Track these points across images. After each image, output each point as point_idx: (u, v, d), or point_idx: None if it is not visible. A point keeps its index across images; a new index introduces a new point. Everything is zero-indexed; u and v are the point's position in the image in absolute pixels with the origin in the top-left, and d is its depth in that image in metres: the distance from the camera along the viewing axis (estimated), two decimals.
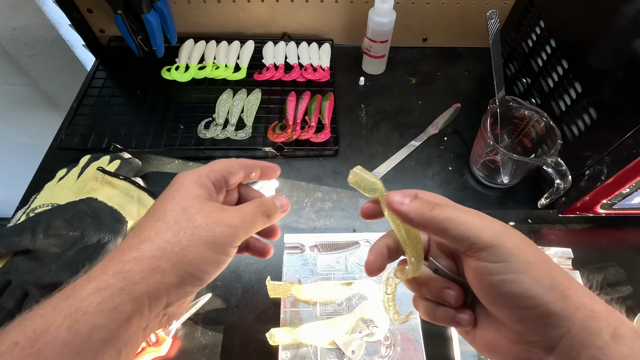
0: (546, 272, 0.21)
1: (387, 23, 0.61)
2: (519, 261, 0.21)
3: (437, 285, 0.26)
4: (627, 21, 0.41)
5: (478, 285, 0.23)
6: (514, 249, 0.21)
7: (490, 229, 0.22)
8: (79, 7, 0.67)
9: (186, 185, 0.27)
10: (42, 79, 0.87)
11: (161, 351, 0.42)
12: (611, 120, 0.43)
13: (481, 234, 0.22)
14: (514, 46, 0.63)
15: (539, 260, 0.21)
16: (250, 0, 0.68)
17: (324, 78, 0.67)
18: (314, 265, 0.48)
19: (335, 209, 0.54)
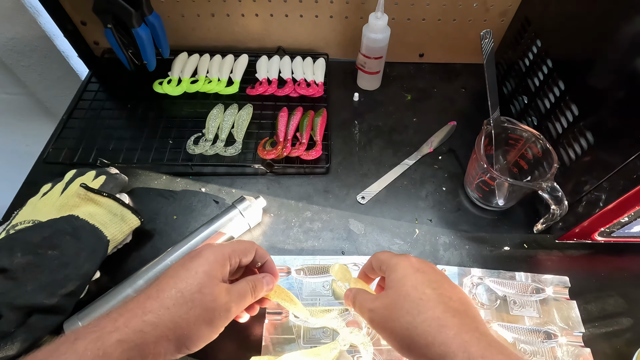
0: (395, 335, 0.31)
1: (382, 39, 0.60)
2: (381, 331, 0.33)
3: None
4: (625, 44, 0.40)
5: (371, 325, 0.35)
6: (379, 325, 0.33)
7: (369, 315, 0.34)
8: (72, 20, 0.67)
9: (210, 263, 0.33)
10: (38, 89, 0.87)
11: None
12: (609, 146, 0.41)
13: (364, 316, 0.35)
14: (511, 64, 0.62)
15: None
16: (245, 15, 0.67)
17: (318, 93, 0.66)
18: (299, 289, 0.46)
19: (324, 229, 0.53)
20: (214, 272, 0.33)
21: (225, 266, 0.34)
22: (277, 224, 0.53)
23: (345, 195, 0.56)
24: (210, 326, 0.32)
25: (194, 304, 0.30)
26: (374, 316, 0.33)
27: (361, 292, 0.36)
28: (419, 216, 0.54)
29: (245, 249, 0.37)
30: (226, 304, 0.33)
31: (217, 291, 0.32)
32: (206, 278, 0.32)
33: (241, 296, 0.34)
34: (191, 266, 0.33)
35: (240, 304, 0.34)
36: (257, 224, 0.52)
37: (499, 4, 0.64)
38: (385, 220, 0.53)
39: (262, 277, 0.38)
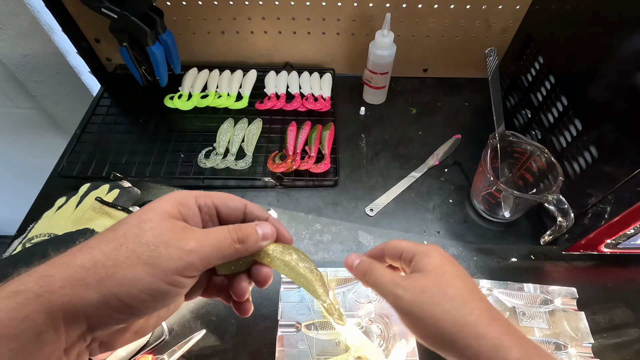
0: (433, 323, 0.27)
1: (388, 56, 0.62)
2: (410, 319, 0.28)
3: None
4: (626, 59, 0.42)
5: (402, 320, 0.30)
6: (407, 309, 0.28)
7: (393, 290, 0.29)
8: (86, 37, 0.69)
9: (165, 201, 0.24)
10: (49, 103, 0.89)
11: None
12: (613, 159, 0.43)
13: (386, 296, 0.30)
14: (514, 79, 0.64)
15: None
16: (254, 32, 0.69)
17: (325, 108, 0.67)
18: (310, 302, 0.47)
19: (334, 241, 0.53)
20: (165, 207, 0.23)
21: (188, 205, 0.25)
22: None
23: (353, 207, 0.57)
24: (151, 268, 0.21)
25: (126, 239, 0.21)
26: (404, 298, 0.27)
27: (381, 266, 0.30)
28: (427, 228, 0.55)
29: (225, 196, 0.27)
30: (178, 239, 0.22)
31: (165, 226, 0.22)
32: (151, 212, 0.23)
33: (213, 241, 0.23)
34: (140, 210, 0.24)
35: (210, 253, 0.23)
36: None
37: (500, 21, 0.66)
38: (394, 232, 0.54)
39: (254, 223, 0.26)
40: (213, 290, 0.29)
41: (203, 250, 0.23)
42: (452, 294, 0.27)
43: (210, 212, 0.27)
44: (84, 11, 0.64)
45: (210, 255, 0.23)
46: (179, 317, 0.47)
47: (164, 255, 0.21)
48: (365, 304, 0.47)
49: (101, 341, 0.23)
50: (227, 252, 0.24)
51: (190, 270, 0.22)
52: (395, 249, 0.32)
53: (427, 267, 0.29)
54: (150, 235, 0.22)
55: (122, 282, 0.21)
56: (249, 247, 0.25)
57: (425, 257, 0.29)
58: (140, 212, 0.23)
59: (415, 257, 0.30)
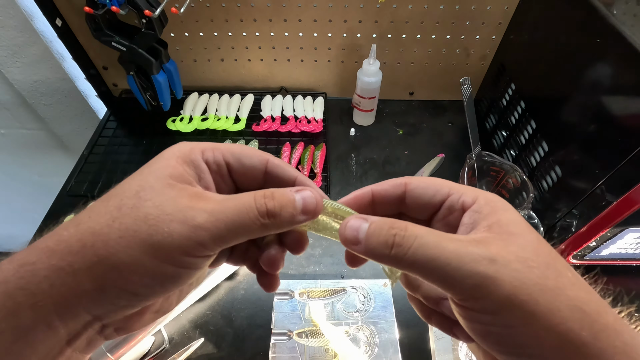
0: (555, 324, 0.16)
1: (374, 82, 0.67)
2: (515, 315, 0.16)
3: (433, 293, 0.22)
4: (586, 87, 0.46)
5: (466, 328, 0.18)
6: (507, 299, 0.16)
7: (475, 268, 0.16)
8: (95, 65, 0.74)
9: (166, 159, 0.19)
10: (56, 125, 0.94)
11: None
12: (576, 177, 0.47)
13: (461, 281, 0.16)
14: (492, 102, 0.69)
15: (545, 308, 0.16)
16: (251, 60, 0.74)
17: (317, 129, 0.72)
18: (302, 311, 0.50)
19: (324, 255, 0.57)
20: (168, 169, 0.19)
21: (194, 163, 0.20)
22: None
23: None
24: (151, 249, 0.17)
25: (120, 212, 0.17)
26: (503, 281, 0.16)
27: (423, 227, 0.18)
28: None
29: (239, 149, 0.21)
30: (188, 216, 0.17)
31: (168, 194, 0.18)
32: (151, 177, 0.19)
33: (231, 214, 0.18)
34: (139, 172, 0.19)
35: (226, 230, 0.18)
36: None
37: (478, 50, 0.72)
38: None
39: (292, 189, 0.20)
40: (239, 257, 0.23)
41: (217, 226, 0.18)
42: (569, 274, 0.17)
43: (220, 171, 0.21)
44: (93, 42, 0.70)
45: (227, 232, 0.18)
46: (178, 327, 0.50)
47: (167, 232, 0.17)
48: (353, 314, 0.50)
49: (116, 327, 0.20)
50: (250, 228, 0.18)
51: (201, 250, 0.18)
52: (427, 190, 0.21)
53: (510, 226, 0.18)
54: (151, 206, 0.17)
55: (118, 267, 0.17)
56: (282, 222, 0.19)
57: (499, 211, 0.19)
58: (138, 176, 0.19)
59: (480, 206, 0.19)
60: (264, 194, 0.19)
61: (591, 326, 0.16)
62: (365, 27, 0.68)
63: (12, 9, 0.68)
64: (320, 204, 0.20)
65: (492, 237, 0.18)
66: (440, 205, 0.21)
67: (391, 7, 0.65)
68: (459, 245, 0.17)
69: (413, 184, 0.21)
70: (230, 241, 0.19)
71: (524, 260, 0.17)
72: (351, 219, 0.19)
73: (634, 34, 0.39)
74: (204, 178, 0.21)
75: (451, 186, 0.21)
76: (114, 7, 0.51)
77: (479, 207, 0.19)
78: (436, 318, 0.23)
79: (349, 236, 0.19)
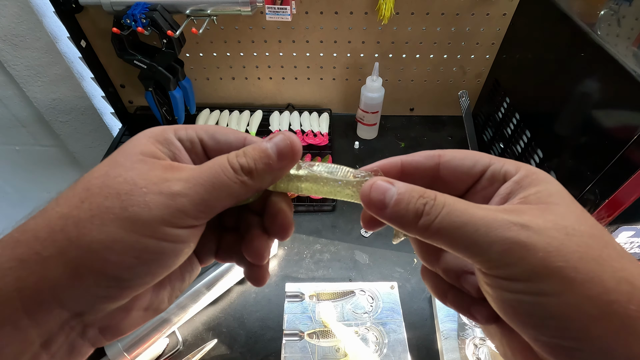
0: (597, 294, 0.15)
1: (377, 97, 0.72)
2: (550, 282, 0.15)
3: (455, 265, 0.20)
4: (575, 99, 0.50)
5: (493, 301, 0.17)
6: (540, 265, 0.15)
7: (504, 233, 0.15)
8: (113, 83, 0.79)
9: (136, 139, 0.19)
10: (71, 141, 0.97)
11: None
12: (569, 181, 0.50)
13: (489, 247, 0.15)
14: (488, 116, 0.73)
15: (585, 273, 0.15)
16: (261, 78, 0.79)
17: (323, 142, 0.76)
18: (312, 312, 0.52)
19: (332, 259, 0.59)
20: (139, 147, 0.18)
21: (167, 141, 0.19)
22: (290, 255, 0.60)
23: (350, 229, 0.63)
24: (129, 222, 0.16)
25: (89, 192, 0.16)
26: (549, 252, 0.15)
27: (454, 197, 0.17)
28: None
29: (214, 127, 0.21)
30: (162, 186, 0.17)
31: (140, 169, 0.17)
32: (121, 156, 0.18)
33: (208, 177, 0.17)
34: (108, 157, 0.18)
35: (206, 194, 0.17)
36: (273, 256, 0.59)
37: (474, 68, 0.77)
38: (386, 251, 0.60)
39: (262, 140, 0.20)
40: (226, 252, 0.23)
41: (196, 191, 0.17)
42: (618, 247, 0.16)
43: (194, 148, 0.20)
44: (113, 62, 0.75)
45: (207, 195, 0.17)
46: (192, 328, 0.51)
47: (143, 203, 0.16)
48: (362, 315, 0.52)
49: (100, 326, 0.17)
50: (230, 188, 0.17)
51: (183, 219, 0.17)
52: (465, 161, 0.20)
53: (551, 197, 0.17)
54: (122, 182, 0.16)
55: (92, 247, 0.15)
56: (261, 175, 0.18)
57: (541, 183, 0.18)
58: (106, 159, 0.18)
59: (521, 177, 0.18)
60: (235, 154, 0.18)
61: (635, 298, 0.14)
62: (368, 48, 0.73)
63: (39, 32, 0.72)
64: (296, 143, 0.19)
65: (527, 207, 0.17)
66: (479, 177, 0.20)
67: (392, 29, 0.70)
68: (489, 212, 0.16)
69: (448, 155, 0.20)
70: (213, 205, 0.17)
71: (563, 227, 0.16)
72: (378, 180, 0.18)
73: (618, 51, 0.43)
74: (178, 155, 0.19)
75: (491, 157, 0.20)
76: (140, 28, 0.56)
77: (519, 177, 0.18)
78: (452, 296, 0.21)
79: (374, 199, 0.18)
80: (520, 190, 0.18)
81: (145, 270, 0.17)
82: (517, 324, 0.16)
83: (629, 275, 0.15)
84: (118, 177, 0.16)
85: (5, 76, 0.81)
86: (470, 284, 0.20)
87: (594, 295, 0.14)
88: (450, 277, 0.21)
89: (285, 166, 0.19)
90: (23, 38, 0.73)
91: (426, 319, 0.52)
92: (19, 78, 0.80)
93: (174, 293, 0.21)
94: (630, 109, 0.40)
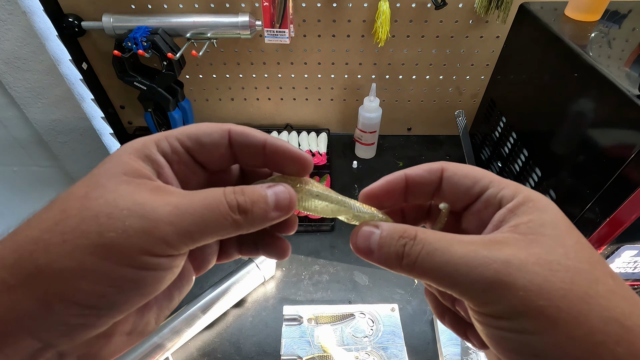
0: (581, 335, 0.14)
1: (375, 117, 0.72)
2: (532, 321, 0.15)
3: None
4: (572, 119, 0.51)
5: (481, 333, 0.17)
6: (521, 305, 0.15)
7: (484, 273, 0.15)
8: (113, 104, 0.80)
9: (117, 156, 0.17)
10: (69, 162, 0.97)
11: None
12: (569, 200, 0.50)
13: (471, 286, 0.15)
14: (485, 135, 0.73)
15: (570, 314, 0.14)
16: (259, 99, 0.80)
17: (322, 162, 0.76)
18: (311, 337, 0.50)
19: (331, 281, 0.58)
20: (119, 167, 0.16)
21: (150, 157, 0.17)
22: (288, 277, 0.58)
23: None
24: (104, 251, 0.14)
25: (65, 214, 0.15)
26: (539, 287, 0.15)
27: (436, 232, 0.17)
28: None
29: (196, 128, 0.19)
30: (147, 209, 0.15)
31: (123, 190, 0.15)
32: (102, 176, 0.16)
33: (199, 208, 0.16)
34: (88, 175, 0.17)
35: (194, 225, 0.16)
36: (271, 277, 0.58)
37: (469, 88, 0.78)
38: (386, 272, 0.59)
39: (264, 185, 0.18)
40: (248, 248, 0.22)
41: (183, 220, 0.15)
42: (611, 282, 0.15)
43: (182, 159, 0.19)
44: (113, 83, 0.76)
45: (195, 228, 0.16)
46: (186, 354, 0.50)
47: (121, 229, 0.14)
48: (362, 339, 0.50)
49: (79, 355, 0.16)
50: (221, 225, 0.16)
51: (164, 248, 0.15)
52: (466, 180, 0.19)
53: (543, 227, 0.16)
54: (102, 204, 0.15)
55: (62, 274, 0.14)
56: (254, 219, 0.17)
57: (535, 211, 0.17)
58: (86, 178, 0.16)
59: (516, 204, 0.17)
60: (233, 190, 0.17)
61: (631, 343, 0.14)
62: (365, 69, 0.75)
63: (42, 55, 0.74)
64: (293, 199, 0.18)
65: (513, 237, 0.16)
66: (477, 197, 0.19)
67: (388, 51, 0.72)
68: (469, 249, 0.16)
69: (450, 170, 0.20)
70: (198, 239, 0.16)
71: (547, 262, 0.15)
72: (363, 227, 0.19)
73: (611, 72, 0.44)
74: (163, 174, 0.18)
75: (492, 178, 0.19)
76: (140, 51, 0.57)
77: (515, 204, 0.17)
78: (450, 318, 0.22)
79: (361, 246, 0.19)
80: (512, 218, 0.17)
81: (124, 299, 0.15)
82: (505, 357, 0.16)
83: (619, 314, 0.14)
84: (99, 198, 0.15)
85: (6, 98, 0.81)
86: (463, 309, 0.20)
87: (578, 335, 0.14)
88: (446, 299, 0.21)
89: (279, 217, 0.18)
90: (25, 61, 0.74)
91: (428, 342, 0.51)
92: (20, 99, 0.81)
93: (161, 313, 0.20)
94: (627, 127, 0.41)
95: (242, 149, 0.19)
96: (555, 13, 0.57)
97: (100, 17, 0.63)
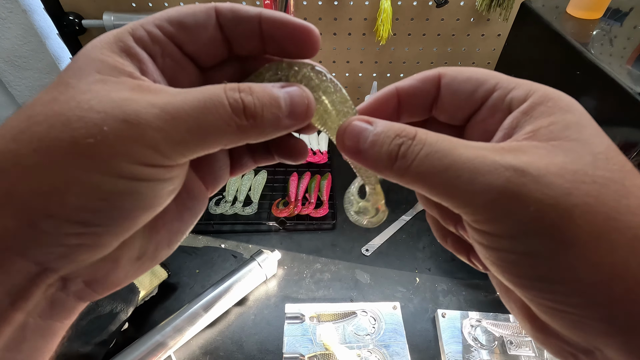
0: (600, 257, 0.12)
1: None
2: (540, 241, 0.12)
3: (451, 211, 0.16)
4: None
5: (479, 254, 0.15)
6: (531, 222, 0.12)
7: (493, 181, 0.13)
8: None
9: (90, 52, 0.14)
10: None
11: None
12: None
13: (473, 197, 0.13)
14: None
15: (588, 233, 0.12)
16: None
17: (323, 160, 0.76)
18: (313, 335, 0.50)
19: (333, 279, 0.58)
20: (92, 64, 0.14)
21: (128, 52, 0.14)
22: (290, 275, 0.58)
23: (351, 248, 0.62)
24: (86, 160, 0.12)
25: (34, 120, 0.13)
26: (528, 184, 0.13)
27: (439, 135, 0.14)
28: (419, 266, 0.60)
29: (176, 10, 0.15)
30: (128, 108, 0.12)
31: (96, 91, 0.13)
32: (74, 77, 0.13)
33: (194, 110, 0.13)
34: (57, 78, 0.14)
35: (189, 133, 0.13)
36: (273, 276, 0.58)
37: None
38: (388, 270, 0.59)
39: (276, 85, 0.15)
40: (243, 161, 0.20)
41: (173, 126, 0.13)
42: None
43: (166, 50, 0.16)
44: None
45: (189, 135, 0.13)
46: (188, 353, 0.50)
47: (100, 134, 0.12)
48: (364, 337, 0.50)
49: (86, 280, 0.15)
50: (221, 131, 0.14)
51: (157, 158, 0.13)
52: (467, 84, 0.16)
53: (569, 131, 0.14)
54: (74, 107, 0.12)
55: (42, 190, 0.12)
56: (264, 126, 0.14)
57: (557, 111, 0.14)
58: (55, 82, 0.14)
59: (532, 105, 0.15)
60: (237, 87, 0.14)
61: None
62: (366, 67, 0.75)
63: (42, 53, 0.74)
64: (312, 104, 0.15)
65: (532, 144, 0.13)
66: (482, 104, 0.16)
67: (390, 49, 0.72)
68: (477, 153, 0.13)
69: (449, 76, 0.17)
70: (195, 149, 0.14)
71: (572, 173, 0.12)
72: (353, 121, 0.16)
73: (613, 70, 0.44)
74: (147, 70, 0.15)
75: (500, 78, 0.16)
76: None
77: (529, 106, 0.15)
78: (452, 241, 0.20)
79: (348, 144, 0.16)
80: (528, 123, 0.14)
81: (122, 214, 0.13)
82: (505, 281, 0.14)
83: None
84: (70, 101, 0.12)
85: (7, 96, 0.81)
86: (465, 231, 0.17)
87: (596, 258, 0.12)
88: (448, 223, 0.19)
89: (292, 126, 0.15)
90: (26, 59, 0.74)
91: (430, 340, 0.51)
92: (20, 98, 0.80)
93: (173, 237, 0.18)
94: (629, 125, 0.41)
95: (234, 30, 0.16)
96: (557, 11, 0.57)
97: (100, 15, 0.63)
